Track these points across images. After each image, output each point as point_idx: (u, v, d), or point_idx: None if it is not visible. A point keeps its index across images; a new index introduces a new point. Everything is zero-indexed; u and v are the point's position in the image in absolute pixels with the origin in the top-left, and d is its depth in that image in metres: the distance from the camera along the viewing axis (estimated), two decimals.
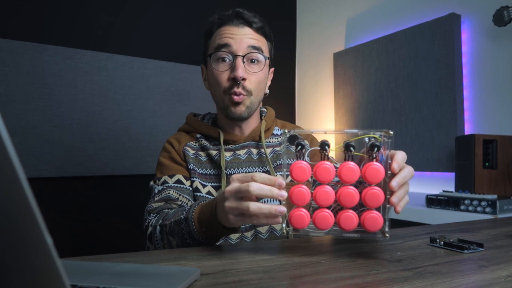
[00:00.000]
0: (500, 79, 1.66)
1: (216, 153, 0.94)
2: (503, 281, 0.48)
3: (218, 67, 0.91)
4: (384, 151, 0.58)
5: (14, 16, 1.71)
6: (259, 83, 0.93)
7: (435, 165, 1.83)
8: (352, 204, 0.58)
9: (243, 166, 0.95)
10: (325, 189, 0.58)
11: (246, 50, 0.90)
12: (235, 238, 0.90)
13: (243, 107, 0.91)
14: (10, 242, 0.26)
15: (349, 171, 0.57)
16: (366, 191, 0.57)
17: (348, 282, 0.48)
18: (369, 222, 0.58)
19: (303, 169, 0.59)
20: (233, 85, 0.90)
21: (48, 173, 1.73)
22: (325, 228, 0.59)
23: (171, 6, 2.14)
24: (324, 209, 0.59)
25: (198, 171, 0.93)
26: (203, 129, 0.98)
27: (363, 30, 2.31)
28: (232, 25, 0.91)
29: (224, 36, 0.90)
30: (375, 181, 0.57)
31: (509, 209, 1.22)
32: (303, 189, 0.59)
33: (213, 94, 0.96)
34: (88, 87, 1.85)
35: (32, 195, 0.24)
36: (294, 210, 0.60)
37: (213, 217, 0.67)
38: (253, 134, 0.98)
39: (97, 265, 0.54)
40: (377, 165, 0.57)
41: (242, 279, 0.49)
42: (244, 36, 0.90)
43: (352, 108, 2.31)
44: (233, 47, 0.89)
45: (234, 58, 0.89)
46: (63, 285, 0.26)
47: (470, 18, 1.78)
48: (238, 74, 0.87)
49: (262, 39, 0.94)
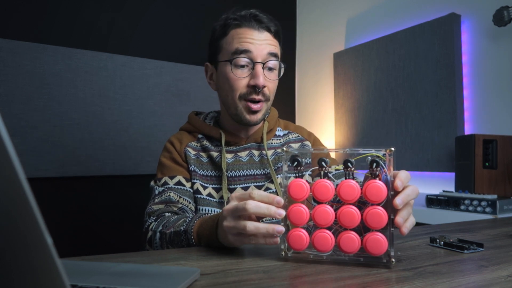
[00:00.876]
0: (500, 79, 1.66)
1: (217, 154, 0.93)
2: (503, 281, 0.48)
3: (237, 73, 0.88)
4: (387, 170, 0.55)
5: (14, 16, 1.71)
6: (274, 89, 0.93)
7: (435, 165, 1.83)
8: (353, 224, 0.55)
9: (244, 168, 0.94)
10: (324, 208, 0.56)
11: (266, 57, 0.88)
12: None
13: (260, 115, 0.91)
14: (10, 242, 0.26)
15: (349, 189, 0.55)
16: (368, 211, 0.54)
17: (348, 282, 0.48)
18: (372, 245, 0.54)
19: (301, 187, 0.57)
20: (251, 92, 0.88)
21: (48, 173, 1.73)
22: (324, 250, 0.56)
23: (171, 6, 2.14)
24: (324, 230, 0.56)
25: (199, 172, 0.93)
26: (205, 130, 0.97)
27: (363, 30, 2.31)
28: (251, 29, 0.88)
29: (244, 40, 0.87)
30: (377, 200, 0.54)
31: (509, 209, 1.22)
32: (301, 208, 0.57)
33: (224, 97, 0.93)
34: (88, 87, 1.85)
35: (32, 195, 0.24)
36: (293, 230, 0.58)
37: (212, 234, 0.66)
38: (255, 135, 0.97)
39: (97, 265, 0.54)
40: (378, 183, 0.54)
41: (242, 279, 0.49)
42: (264, 42, 0.88)
43: (352, 108, 2.31)
44: (254, 53, 0.87)
45: (254, 65, 0.87)
46: (63, 285, 0.26)
47: (470, 18, 1.79)
48: (260, 82, 0.86)
49: (277, 44, 0.93)
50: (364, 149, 0.57)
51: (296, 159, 0.60)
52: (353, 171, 0.57)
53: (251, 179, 0.93)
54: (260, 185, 0.93)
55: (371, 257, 0.56)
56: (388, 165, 0.55)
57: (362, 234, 0.56)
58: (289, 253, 0.59)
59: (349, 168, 0.57)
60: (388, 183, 0.55)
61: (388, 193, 0.54)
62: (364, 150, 0.57)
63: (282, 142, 1.02)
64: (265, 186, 0.93)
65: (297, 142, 1.04)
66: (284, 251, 0.59)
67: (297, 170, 0.60)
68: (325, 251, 0.57)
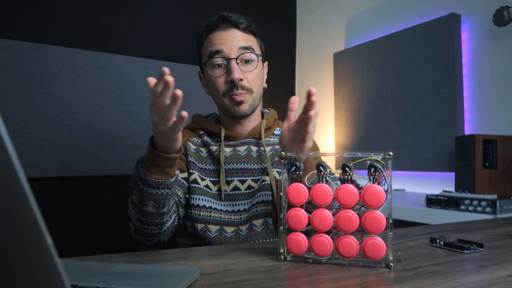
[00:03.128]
0: (500, 79, 1.66)
1: (216, 148, 0.97)
2: (503, 281, 0.48)
3: (214, 73, 0.94)
4: (386, 174, 0.55)
5: (14, 16, 1.71)
6: (256, 79, 0.96)
7: (435, 165, 1.83)
8: (351, 228, 0.55)
9: (242, 162, 0.96)
10: (322, 212, 0.56)
11: (238, 52, 0.93)
12: (230, 232, 0.91)
13: (246, 106, 0.95)
14: (10, 242, 0.26)
15: (347, 194, 0.55)
16: (366, 215, 0.54)
17: (348, 282, 0.48)
18: (371, 249, 0.54)
19: (299, 192, 0.57)
20: (231, 88, 0.93)
21: (48, 173, 1.73)
22: (323, 254, 0.56)
23: (171, 6, 2.14)
24: (323, 234, 0.57)
25: (198, 165, 0.95)
26: (206, 126, 1.00)
27: (363, 30, 2.31)
28: (220, 30, 0.94)
29: (215, 42, 0.93)
30: (375, 205, 0.54)
31: (509, 209, 1.22)
32: (299, 212, 0.57)
33: (214, 97, 1.00)
34: (88, 87, 1.85)
35: (32, 195, 0.24)
36: (291, 234, 0.58)
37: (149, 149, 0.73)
38: (254, 131, 1.00)
39: (97, 265, 0.54)
40: (377, 188, 0.54)
41: (242, 279, 0.49)
42: (233, 39, 0.93)
43: (352, 108, 2.31)
44: (225, 51, 0.92)
45: (228, 62, 0.92)
46: (63, 285, 0.26)
47: (470, 18, 1.78)
48: (234, 76, 0.91)
49: (251, 37, 0.97)
50: (363, 153, 0.57)
51: (295, 163, 0.60)
52: (352, 175, 0.57)
53: (248, 173, 0.96)
54: (257, 179, 0.96)
55: (369, 261, 0.56)
56: (386, 169, 0.55)
57: (361, 236, 0.56)
58: (288, 257, 0.60)
59: (347, 172, 0.57)
60: (387, 187, 0.55)
61: (387, 197, 0.54)
62: (362, 154, 0.57)
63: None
64: (261, 179, 0.95)
65: None
66: (283, 255, 0.59)
67: (295, 174, 0.60)
68: (323, 256, 0.57)
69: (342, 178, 0.57)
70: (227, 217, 0.92)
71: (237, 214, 0.93)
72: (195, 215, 0.91)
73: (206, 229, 0.91)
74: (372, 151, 0.56)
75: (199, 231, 0.91)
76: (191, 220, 0.92)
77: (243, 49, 0.93)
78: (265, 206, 0.92)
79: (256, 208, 0.93)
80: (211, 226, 0.91)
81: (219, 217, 0.91)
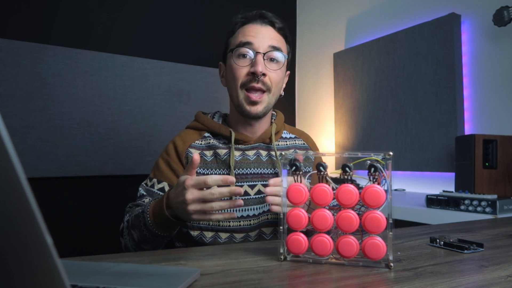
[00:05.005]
0: (500, 79, 1.66)
1: (225, 152, 0.94)
2: (503, 281, 0.48)
3: (238, 62, 0.92)
4: (386, 174, 0.55)
5: (14, 16, 1.71)
6: (277, 81, 0.94)
7: (435, 165, 1.83)
8: (351, 229, 0.55)
9: (252, 167, 0.94)
10: (322, 212, 0.56)
11: (267, 49, 0.91)
12: (239, 238, 0.90)
13: (260, 107, 0.92)
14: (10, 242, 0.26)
15: (347, 194, 0.55)
16: (366, 215, 0.54)
17: (348, 282, 0.48)
18: (371, 249, 0.54)
19: (299, 192, 0.57)
20: (251, 80, 0.90)
21: (48, 173, 1.73)
22: (323, 254, 0.56)
23: (171, 6, 2.14)
24: (323, 234, 0.57)
25: (202, 172, 0.92)
26: (214, 127, 0.97)
27: (363, 30, 2.31)
28: (256, 24, 0.93)
29: (248, 34, 0.92)
30: (375, 205, 0.54)
31: (509, 209, 1.22)
32: (300, 212, 0.57)
33: (229, 88, 0.96)
34: (88, 87, 1.85)
35: (32, 195, 0.24)
36: (291, 234, 0.58)
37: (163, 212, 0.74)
38: (263, 136, 0.98)
39: (97, 265, 0.54)
40: (377, 188, 0.54)
41: (242, 279, 0.49)
42: (266, 35, 0.92)
43: (352, 108, 2.31)
44: (255, 44, 0.91)
45: (255, 54, 0.91)
46: (63, 285, 0.26)
47: (470, 18, 1.78)
48: (258, 69, 0.89)
49: (282, 40, 0.96)
50: (363, 153, 0.57)
51: (295, 163, 0.60)
52: (352, 175, 0.57)
53: (258, 178, 0.95)
54: (267, 184, 0.94)
55: (369, 261, 0.56)
56: (386, 169, 0.55)
57: (361, 236, 0.56)
58: (288, 257, 0.60)
59: (347, 172, 0.57)
60: (387, 187, 0.55)
61: (387, 197, 0.54)
62: (362, 154, 0.57)
63: (289, 145, 1.03)
64: None
65: (302, 150, 1.06)
66: (283, 255, 0.59)
67: (295, 174, 0.60)
68: (323, 255, 0.57)
69: (342, 178, 0.57)
70: (236, 224, 0.90)
71: (246, 220, 0.91)
72: (204, 224, 0.89)
73: (217, 236, 0.90)
74: (372, 151, 0.56)
75: (207, 239, 0.90)
76: (199, 229, 0.90)
77: (272, 48, 0.92)
78: (276, 214, 0.91)
79: (267, 215, 0.92)
80: (222, 233, 0.90)
81: (228, 225, 0.90)
